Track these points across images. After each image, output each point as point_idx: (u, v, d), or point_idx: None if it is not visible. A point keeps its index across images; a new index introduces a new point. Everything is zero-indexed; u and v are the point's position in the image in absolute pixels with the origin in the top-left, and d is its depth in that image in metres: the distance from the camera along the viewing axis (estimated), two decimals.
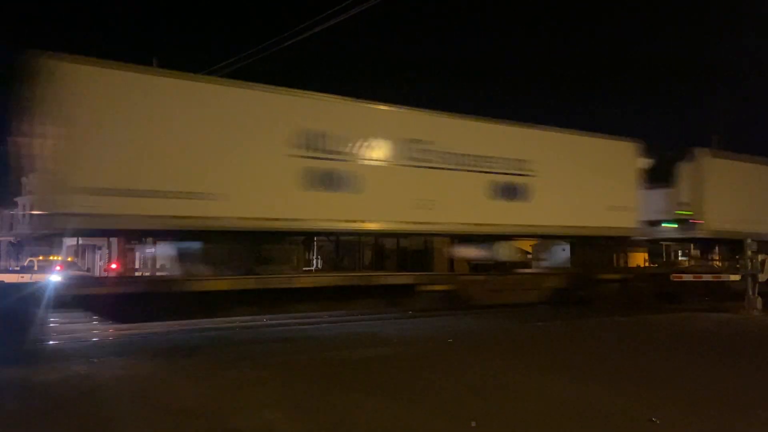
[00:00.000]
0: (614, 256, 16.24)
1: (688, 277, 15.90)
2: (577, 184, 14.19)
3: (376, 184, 11.62)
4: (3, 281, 14.14)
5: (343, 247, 14.84)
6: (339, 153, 11.26)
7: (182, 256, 10.85)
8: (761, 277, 14.66)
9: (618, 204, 14.64)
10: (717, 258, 18.46)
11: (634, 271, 16.60)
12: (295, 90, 11.30)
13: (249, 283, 10.61)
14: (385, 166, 11.85)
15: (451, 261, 13.75)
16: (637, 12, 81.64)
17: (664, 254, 19.89)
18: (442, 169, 12.41)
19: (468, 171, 12.75)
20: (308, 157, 10.92)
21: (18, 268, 23.91)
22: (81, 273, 22.02)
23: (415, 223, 12.17)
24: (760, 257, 14.83)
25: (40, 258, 23.75)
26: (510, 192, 13.28)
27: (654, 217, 15.99)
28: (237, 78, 12.77)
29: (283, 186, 10.71)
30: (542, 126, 14.22)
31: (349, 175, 11.32)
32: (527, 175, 13.50)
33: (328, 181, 11.09)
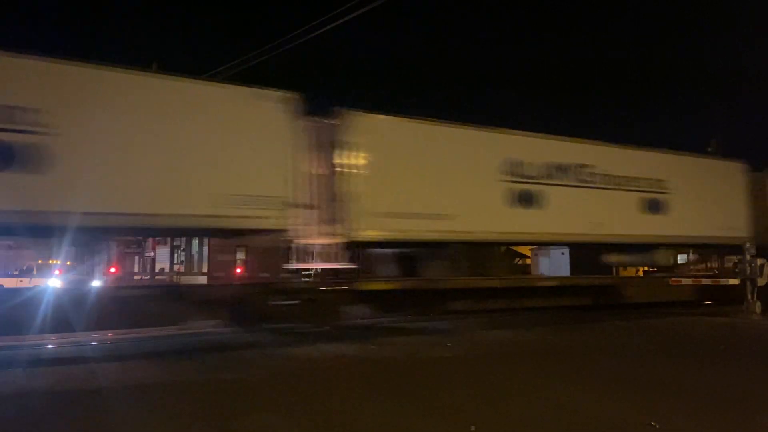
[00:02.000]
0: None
1: (686, 281, 16.01)
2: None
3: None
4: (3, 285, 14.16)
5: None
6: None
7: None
8: (760, 281, 14.68)
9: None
10: None
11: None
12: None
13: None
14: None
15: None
16: (637, 16, 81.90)
17: None
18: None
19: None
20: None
21: (17, 272, 23.86)
22: (79, 277, 21.96)
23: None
24: (759, 261, 14.86)
25: (39, 262, 23.69)
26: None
27: None
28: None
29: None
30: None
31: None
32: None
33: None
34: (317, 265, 11.39)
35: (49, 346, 10.09)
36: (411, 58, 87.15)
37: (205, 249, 16.05)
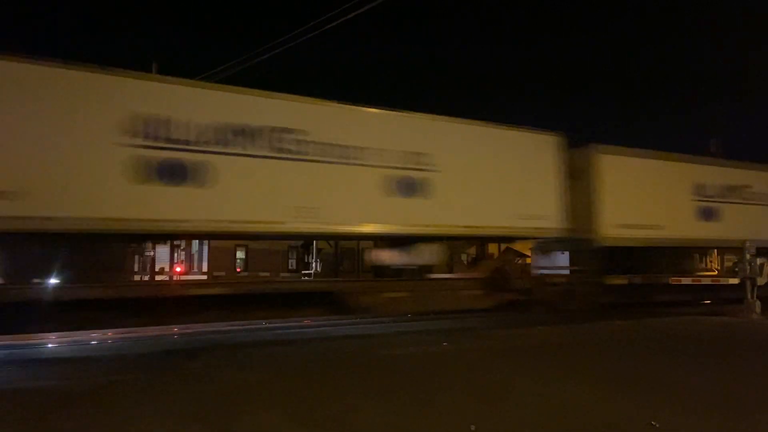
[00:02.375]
0: None
1: (686, 280, 16.08)
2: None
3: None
4: None
5: None
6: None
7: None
8: (760, 281, 14.67)
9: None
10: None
11: None
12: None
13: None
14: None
15: None
16: (636, 17, 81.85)
17: None
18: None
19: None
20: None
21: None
22: None
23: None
24: (759, 261, 14.85)
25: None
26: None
27: None
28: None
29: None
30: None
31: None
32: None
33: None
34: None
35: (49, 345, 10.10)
36: (410, 58, 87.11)
37: (205, 248, 16.07)
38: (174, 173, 9.93)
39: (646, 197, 15.82)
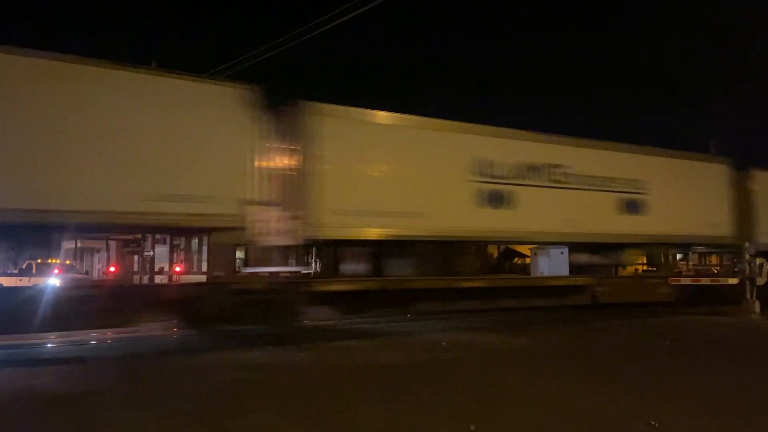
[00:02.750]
0: None
1: (686, 281, 16.04)
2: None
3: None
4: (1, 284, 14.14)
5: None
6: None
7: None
8: (759, 281, 14.68)
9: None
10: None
11: None
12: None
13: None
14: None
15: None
16: (636, 16, 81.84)
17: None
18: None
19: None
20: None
21: (17, 271, 23.87)
22: (79, 276, 21.99)
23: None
24: (758, 261, 14.87)
25: (38, 261, 23.70)
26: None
27: None
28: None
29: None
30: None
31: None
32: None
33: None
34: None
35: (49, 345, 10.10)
36: (410, 58, 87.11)
37: (204, 248, 16.05)
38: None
39: (387, 174, 12.27)
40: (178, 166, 9.81)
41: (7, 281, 19.41)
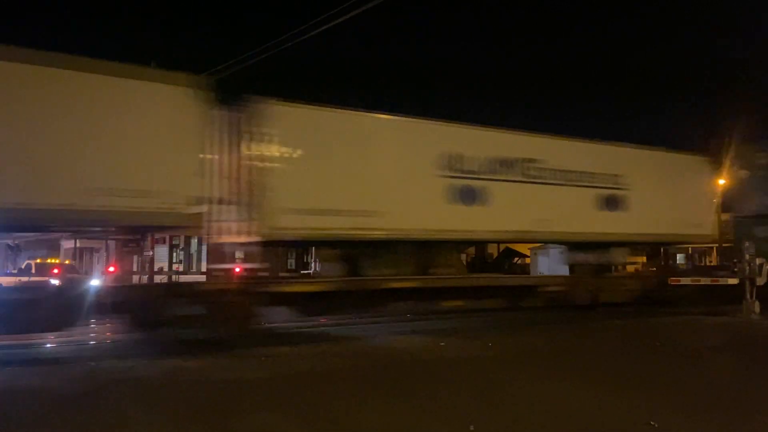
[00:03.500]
0: None
1: (686, 281, 16.01)
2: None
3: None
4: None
5: None
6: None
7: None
8: (759, 281, 14.66)
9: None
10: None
11: None
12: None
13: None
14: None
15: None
16: (637, 15, 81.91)
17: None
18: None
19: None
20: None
21: (16, 271, 23.83)
22: (78, 276, 21.98)
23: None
24: (758, 261, 14.84)
25: (38, 261, 23.67)
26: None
27: None
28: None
29: None
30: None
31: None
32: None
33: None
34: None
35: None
36: (409, 58, 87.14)
37: (204, 248, 16.01)
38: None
39: (343, 171, 11.64)
40: (120, 161, 9.23)
41: (7, 281, 19.36)
